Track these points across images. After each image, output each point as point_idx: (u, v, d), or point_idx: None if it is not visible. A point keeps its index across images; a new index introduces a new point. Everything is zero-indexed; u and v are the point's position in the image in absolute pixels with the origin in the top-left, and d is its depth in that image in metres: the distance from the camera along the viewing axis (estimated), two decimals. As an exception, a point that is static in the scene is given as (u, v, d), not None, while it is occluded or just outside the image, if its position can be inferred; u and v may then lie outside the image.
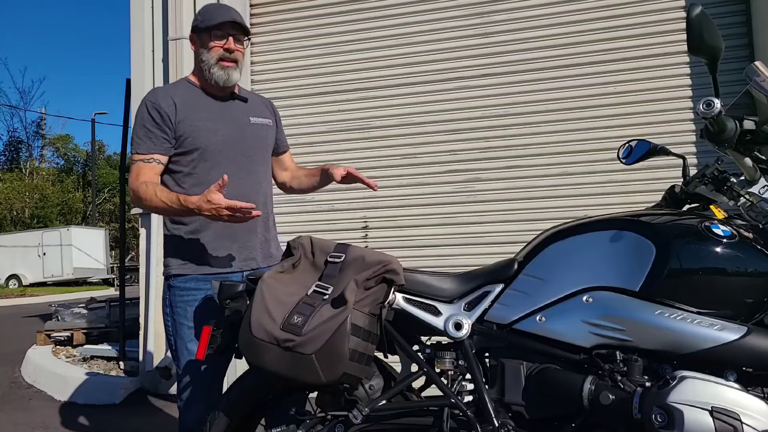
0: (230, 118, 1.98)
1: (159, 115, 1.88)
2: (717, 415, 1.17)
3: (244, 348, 1.48)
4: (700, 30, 1.29)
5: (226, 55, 1.91)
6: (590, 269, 1.42)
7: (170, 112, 1.88)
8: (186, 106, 1.92)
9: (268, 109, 2.15)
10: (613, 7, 3.88)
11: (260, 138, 2.05)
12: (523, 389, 1.44)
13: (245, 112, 2.03)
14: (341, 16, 4.24)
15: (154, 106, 1.89)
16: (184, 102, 1.92)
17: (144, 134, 1.88)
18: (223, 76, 1.92)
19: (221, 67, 1.91)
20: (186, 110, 1.91)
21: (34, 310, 10.22)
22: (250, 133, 2.01)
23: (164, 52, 4.20)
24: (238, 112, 2.02)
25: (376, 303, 1.48)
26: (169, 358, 3.74)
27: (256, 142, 2.03)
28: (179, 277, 1.92)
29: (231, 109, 2.00)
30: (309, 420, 1.55)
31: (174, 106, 1.89)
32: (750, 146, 1.43)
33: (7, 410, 3.88)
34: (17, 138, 33.34)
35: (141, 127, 1.89)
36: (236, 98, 2.03)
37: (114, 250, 24.60)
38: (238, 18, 1.94)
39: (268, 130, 2.09)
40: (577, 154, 3.87)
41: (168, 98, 1.91)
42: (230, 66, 1.93)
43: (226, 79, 1.93)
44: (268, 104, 2.18)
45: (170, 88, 2.06)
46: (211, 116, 1.95)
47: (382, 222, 4.12)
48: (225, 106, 1.99)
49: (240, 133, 1.98)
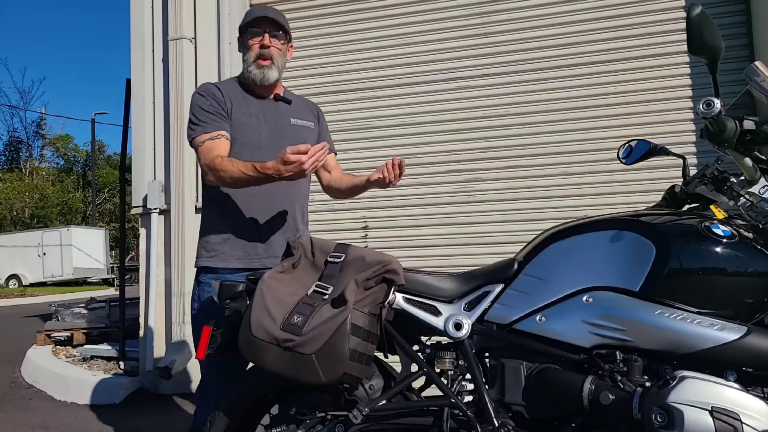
0: (272, 117, 2.05)
1: (214, 99, 1.97)
2: (717, 415, 1.17)
3: (244, 348, 1.48)
4: (700, 30, 1.29)
5: (262, 53, 1.97)
6: (590, 269, 1.42)
7: (221, 101, 1.98)
8: (232, 100, 2.00)
9: (311, 112, 2.19)
10: (613, 7, 3.89)
11: (300, 139, 2.06)
12: (523, 389, 1.44)
13: (287, 113, 2.08)
14: (341, 16, 4.24)
15: (207, 92, 1.99)
16: (231, 97, 2.01)
17: (204, 116, 1.95)
18: (259, 74, 1.99)
19: (258, 65, 1.99)
20: (232, 104, 2.00)
21: (34, 310, 10.23)
22: (291, 133, 2.05)
23: (164, 52, 4.20)
24: (280, 112, 2.07)
25: (376, 303, 1.48)
26: (169, 358, 3.74)
27: (296, 143, 2.05)
28: (208, 273, 1.97)
29: (273, 109, 2.07)
30: (309, 420, 1.55)
31: (223, 97, 1.99)
32: (750, 146, 1.43)
33: (7, 410, 3.88)
34: (17, 138, 33.41)
35: (199, 111, 1.97)
36: (279, 99, 2.08)
37: (114, 250, 24.61)
38: (273, 14, 1.99)
39: (309, 132, 2.13)
40: (577, 154, 3.87)
41: (217, 89, 2.01)
42: (266, 65, 1.99)
43: (262, 78, 1.99)
44: (313, 108, 2.22)
45: (219, 83, 2.13)
46: (254, 113, 2.02)
47: (382, 222, 4.13)
48: (267, 106, 2.06)
49: (280, 132, 2.02)
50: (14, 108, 32.65)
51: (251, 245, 1.97)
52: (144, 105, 4.22)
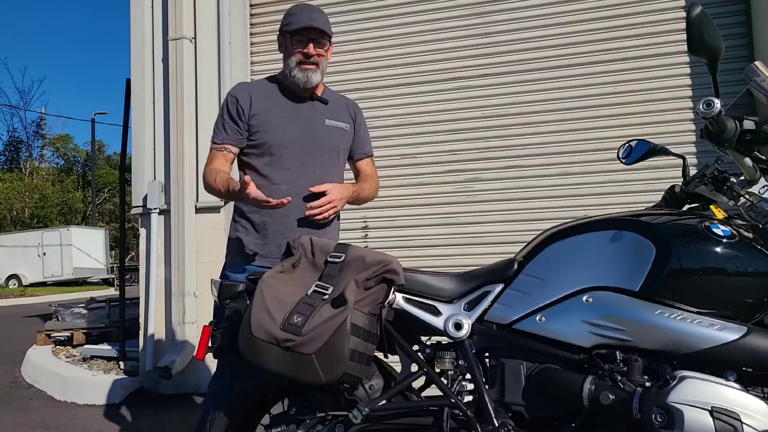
0: (304, 118, 2.05)
1: (235, 106, 2.03)
2: (717, 415, 1.17)
3: (244, 348, 1.48)
4: (700, 30, 1.29)
5: (305, 60, 1.99)
6: (590, 269, 1.42)
7: (245, 106, 2.02)
8: (263, 101, 2.04)
9: (349, 113, 2.17)
10: (613, 7, 3.88)
11: (332, 141, 2.08)
12: (523, 389, 1.44)
13: (322, 113, 2.08)
14: (341, 16, 4.23)
15: (232, 97, 2.05)
16: (262, 98, 2.04)
17: (221, 125, 2.05)
18: (302, 78, 2.01)
19: (301, 69, 2.01)
20: (262, 105, 2.03)
21: (34, 310, 10.22)
22: (321, 134, 2.05)
23: (164, 52, 4.20)
24: (314, 113, 2.07)
25: (376, 303, 1.48)
26: (169, 358, 3.74)
27: (327, 143, 2.07)
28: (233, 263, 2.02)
29: (307, 110, 2.07)
30: (309, 420, 1.55)
31: (250, 100, 2.03)
32: (750, 146, 1.43)
33: (7, 410, 3.87)
34: (17, 138, 33.41)
35: (220, 118, 2.07)
36: (316, 99, 2.08)
37: (114, 250, 24.59)
38: (317, 23, 1.98)
39: (343, 134, 2.12)
40: (577, 154, 3.87)
41: (246, 93, 2.05)
42: (310, 68, 2.01)
43: (305, 81, 2.01)
44: (352, 108, 2.20)
45: (253, 83, 2.16)
46: (284, 114, 2.03)
47: (382, 222, 4.13)
48: (301, 106, 2.07)
49: (309, 133, 2.03)
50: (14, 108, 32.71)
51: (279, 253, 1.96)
52: (144, 105, 4.22)
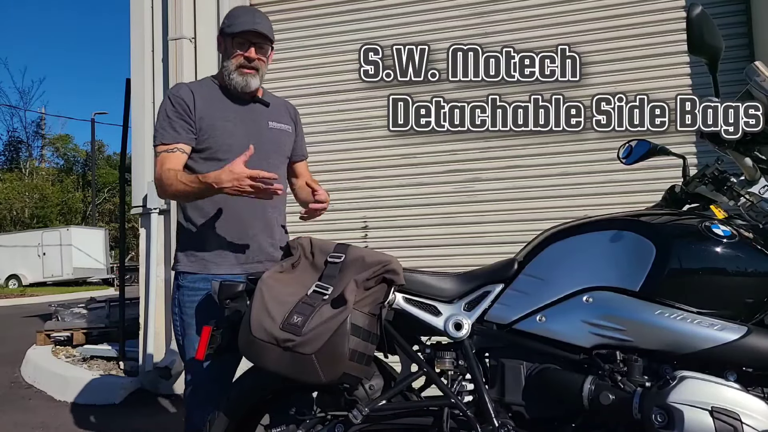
0: (249, 120, 2.00)
1: (181, 106, 1.92)
2: (717, 415, 1.17)
3: (244, 348, 1.48)
4: (700, 30, 1.29)
5: (245, 63, 1.93)
6: (590, 269, 1.42)
7: (191, 106, 1.92)
8: (206, 104, 1.95)
9: (289, 115, 2.15)
10: (613, 7, 3.88)
11: (277, 143, 2.06)
12: (523, 389, 1.44)
13: (265, 116, 2.05)
14: (341, 16, 4.23)
15: (176, 97, 1.93)
16: (205, 100, 1.95)
17: (167, 124, 1.91)
18: (241, 82, 1.94)
19: (240, 73, 1.93)
20: (206, 108, 1.94)
21: (34, 310, 10.21)
22: (267, 137, 2.02)
23: (164, 52, 4.20)
24: (258, 115, 2.03)
25: (376, 303, 1.48)
26: (169, 358, 3.74)
27: (273, 146, 2.04)
28: (188, 275, 1.92)
29: (250, 112, 2.02)
30: (309, 420, 1.55)
31: (194, 101, 1.93)
32: (750, 146, 1.43)
33: (7, 410, 3.87)
34: (17, 138, 33.37)
35: (164, 119, 1.92)
36: (258, 101, 2.04)
37: (114, 250, 24.57)
38: (260, 27, 1.92)
39: (287, 136, 2.10)
40: (577, 154, 3.87)
41: (189, 93, 1.95)
42: (249, 73, 1.94)
43: (244, 86, 1.95)
44: (291, 110, 2.18)
45: (193, 84, 2.08)
46: (230, 117, 1.97)
47: (382, 222, 4.12)
48: (244, 109, 2.01)
49: (257, 136, 1.98)
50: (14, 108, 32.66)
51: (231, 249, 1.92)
52: (144, 105, 4.21)
